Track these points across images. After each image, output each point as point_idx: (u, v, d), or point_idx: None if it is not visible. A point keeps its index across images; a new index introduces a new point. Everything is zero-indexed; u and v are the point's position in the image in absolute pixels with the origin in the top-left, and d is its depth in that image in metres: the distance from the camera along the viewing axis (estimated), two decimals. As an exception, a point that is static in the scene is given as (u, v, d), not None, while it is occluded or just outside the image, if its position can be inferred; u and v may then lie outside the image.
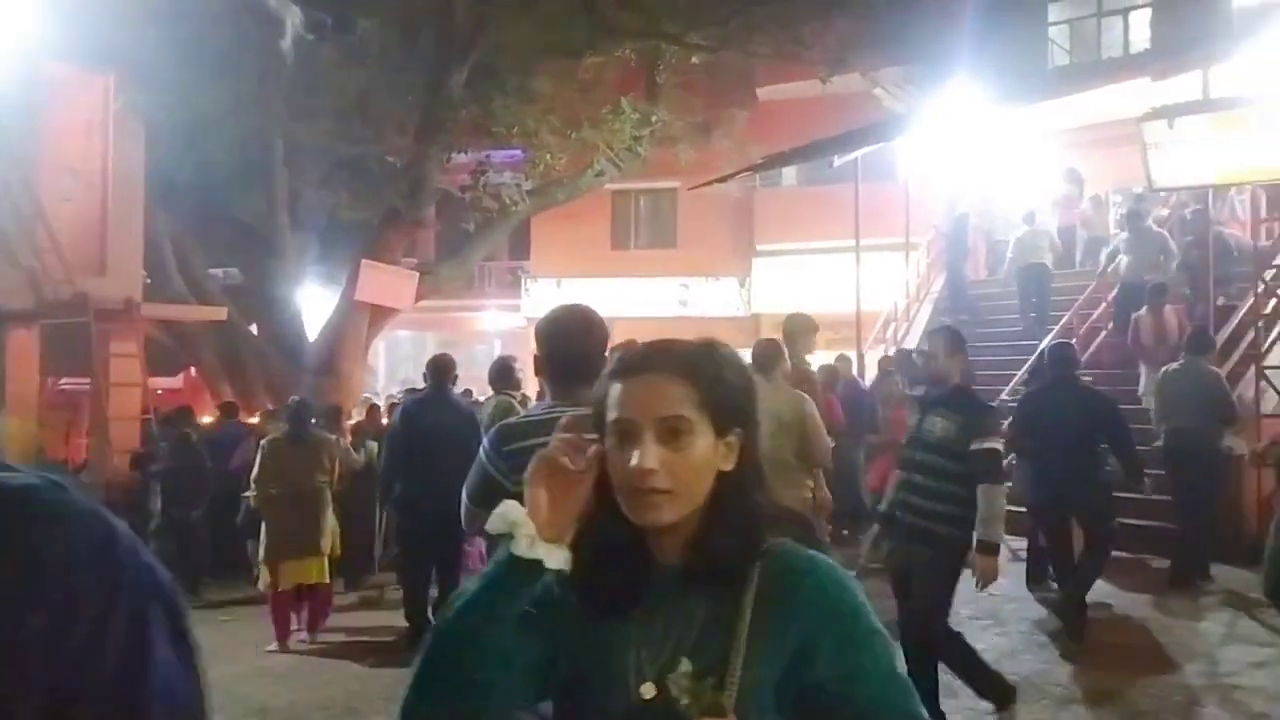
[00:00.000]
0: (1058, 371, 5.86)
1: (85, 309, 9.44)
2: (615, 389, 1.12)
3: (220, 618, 6.88)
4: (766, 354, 4.95)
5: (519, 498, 2.14)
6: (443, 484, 5.31)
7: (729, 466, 1.11)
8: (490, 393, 6.09)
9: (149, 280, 11.67)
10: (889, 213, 11.98)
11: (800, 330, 5.36)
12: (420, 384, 6.83)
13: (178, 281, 12.26)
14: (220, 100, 10.41)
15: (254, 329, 13.37)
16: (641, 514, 1.06)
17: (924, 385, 4.90)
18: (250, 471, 6.56)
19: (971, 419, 3.81)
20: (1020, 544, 7.01)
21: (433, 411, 5.69)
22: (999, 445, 3.82)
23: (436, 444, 5.43)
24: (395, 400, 10.07)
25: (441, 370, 5.94)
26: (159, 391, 13.68)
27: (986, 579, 3.83)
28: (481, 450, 2.22)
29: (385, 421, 8.61)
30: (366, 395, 12.21)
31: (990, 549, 3.76)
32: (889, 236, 12.42)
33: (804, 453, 4.80)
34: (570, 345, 2.25)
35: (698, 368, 1.11)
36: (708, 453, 1.08)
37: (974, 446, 3.75)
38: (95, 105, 10.00)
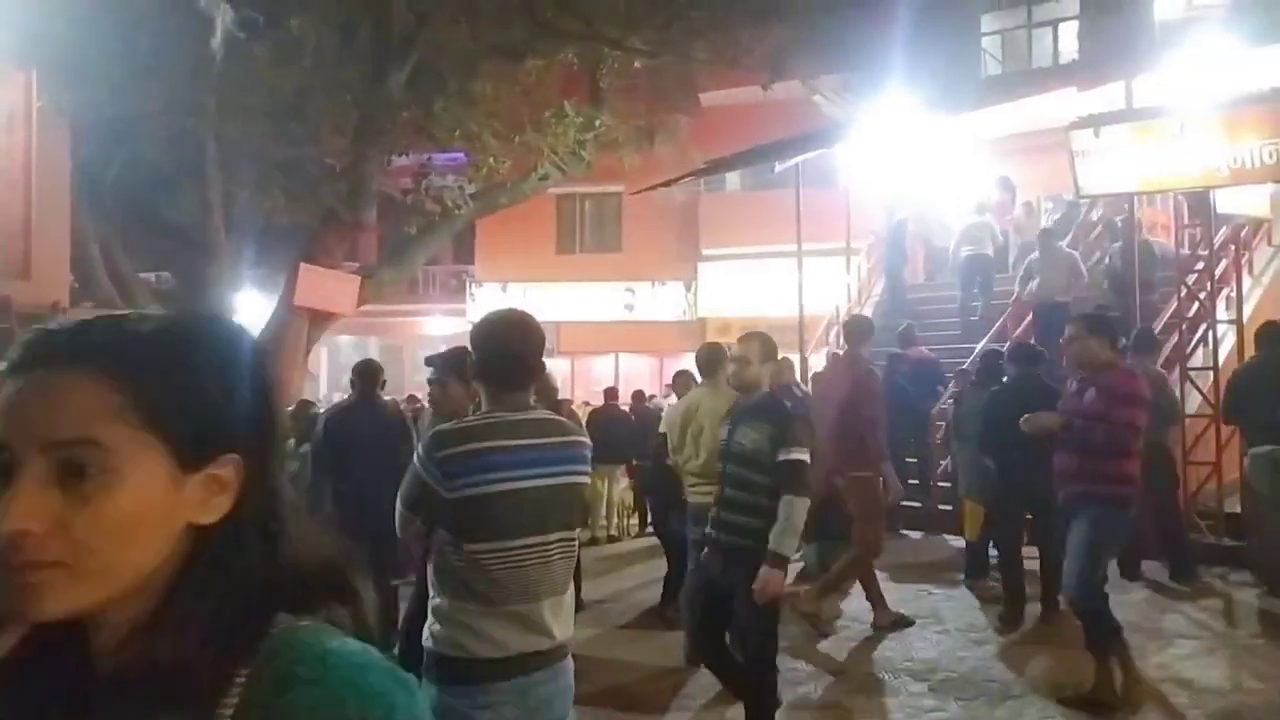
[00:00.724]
0: (1021, 368, 6.01)
1: (8, 314, 9.04)
2: (3, 394, 0.70)
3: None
4: (711, 358, 5.01)
5: (454, 505, 2.13)
6: (370, 492, 5.19)
7: (211, 517, 0.72)
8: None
9: (75, 284, 11.23)
10: (830, 218, 12.11)
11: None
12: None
13: (106, 286, 11.81)
14: (149, 98, 10.04)
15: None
16: (13, 602, 0.67)
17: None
18: None
19: (780, 429, 3.53)
20: (959, 541, 7.13)
21: (356, 420, 5.51)
22: (805, 456, 3.52)
23: (360, 453, 5.29)
24: (317, 409, 9.74)
25: (368, 376, 5.79)
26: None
27: (769, 592, 3.42)
28: (416, 455, 2.15)
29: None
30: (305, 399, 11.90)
31: (779, 561, 3.41)
32: (831, 241, 12.55)
33: None
34: (505, 349, 2.20)
35: (131, 357, 0.70)
36: (148, 500, 0.69)
37: (780, 458, 3.48)
38: (16, 101, 9.59)
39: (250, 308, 13.84)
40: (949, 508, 8.19)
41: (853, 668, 5.14)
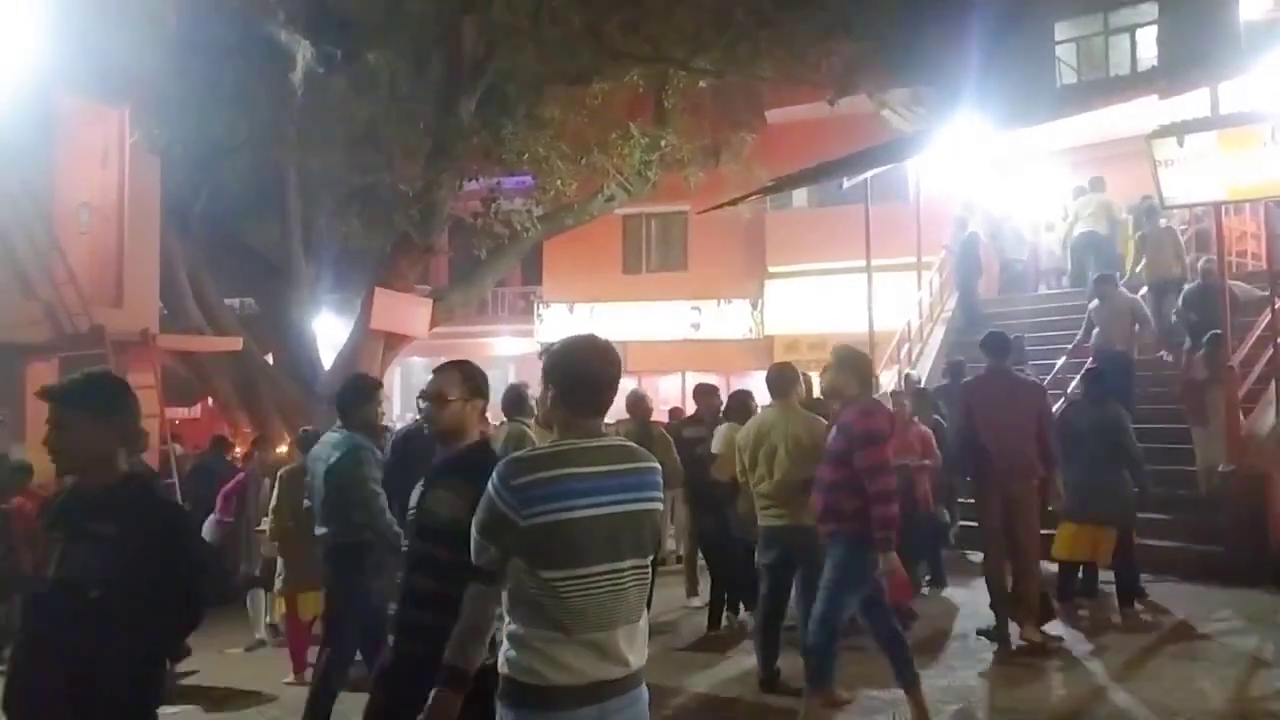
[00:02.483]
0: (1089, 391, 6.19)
1: (102, 341, 9.44)
2: None
3: (228, 650, 6.81)
4: (782, 377, 4.94)
5: (529, 532, 2.11)
6: None
7: None
8: (502, 420, 6.01)
9: (165, 311, 11.70)
10: (901, 233, 11.90)
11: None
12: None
13: (194, 312, 12.29)
14: (234, 132, 10.47)
15: (269, 358, 13.38)
16: None
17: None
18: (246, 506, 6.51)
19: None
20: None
21: (425, 442, 5.44)
22: None
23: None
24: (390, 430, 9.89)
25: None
26: (176, 422, 13.72)
27: None
28: (490, 483, 2.12)
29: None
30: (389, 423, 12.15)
31: (459, 678, 2.20)
32: (901, 257, 12.32)
33: None
34: (584, 376, 2.19)
35: None
36: None
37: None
38: (110, 137, 10.07)
39: (328, 331, 14.24)
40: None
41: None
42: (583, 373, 2.19)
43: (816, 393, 5.57)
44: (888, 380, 10.94)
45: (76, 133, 9.85)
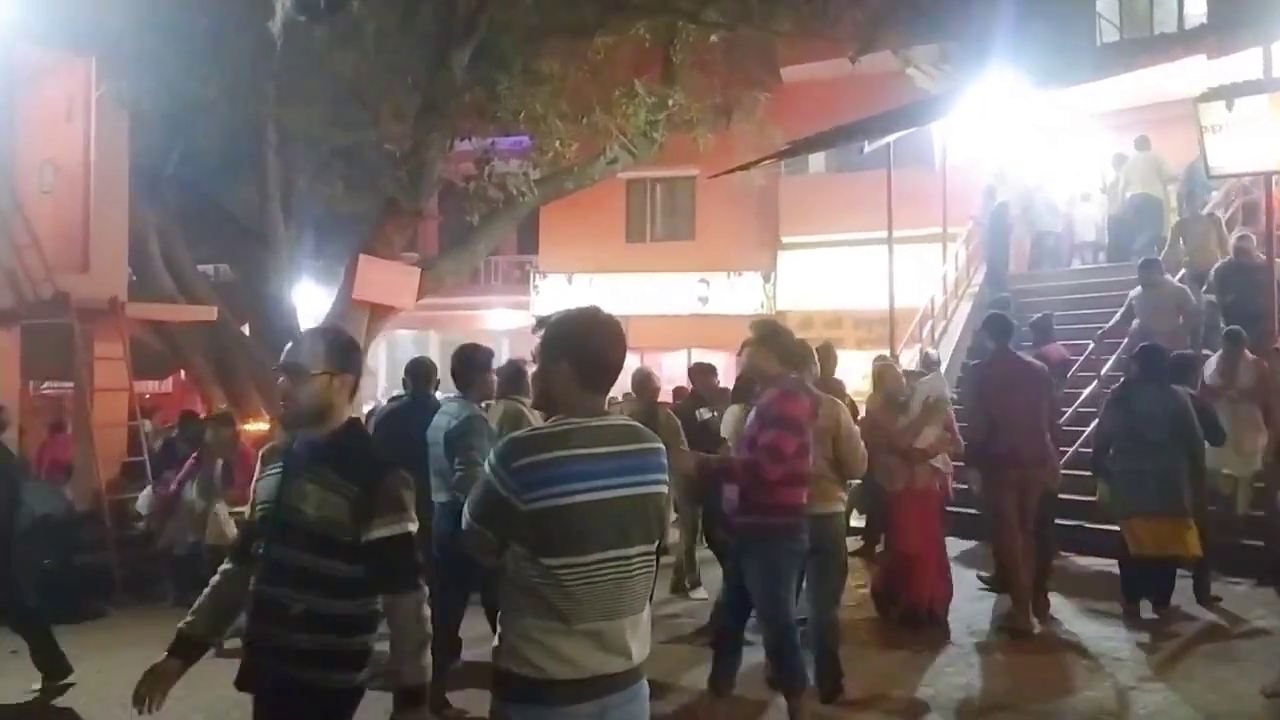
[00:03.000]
0: (1147, 372, 6.14)
1: (67, 309, 9.45)
2: None
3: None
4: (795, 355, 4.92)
5: (531, 517, 2.12)
6: (423, 500, 5.24)
7: None
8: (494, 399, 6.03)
9: (134, 278, 11.71)
10: (925, 201, 11.88)
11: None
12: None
13: (165, 279, 12.28)
14: (208, 85, 10.41)
15: (246, 329, 13.40)
16: None
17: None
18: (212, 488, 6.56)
19: (368, 487, 2.37)
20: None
21: (407, 422, 5.44)
22: (411, 528, 2.40)
23: (411, 458, 5.33)
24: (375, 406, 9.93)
25: (420, 375, 5.80)
26: (147, 396, 13.78)
27: None
28: (488, 464, 2.15)
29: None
30: (373, 404, 12.20)
31: (415, 697, 2.31)
32: (925, 227, 12.31)
33: (838, 462, 4.81)
34: (589, 351, 2.19)
35: None
36: None
37: (369, 535, 2.35)
38: (76, 92, 10.02)
39: (309, 301, 14.25)
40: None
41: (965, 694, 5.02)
42: (588, 347, 2.19)
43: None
44: (907, 359, 10.96)
45: (39, 85, 9.81)
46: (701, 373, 7.41)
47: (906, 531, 6.11)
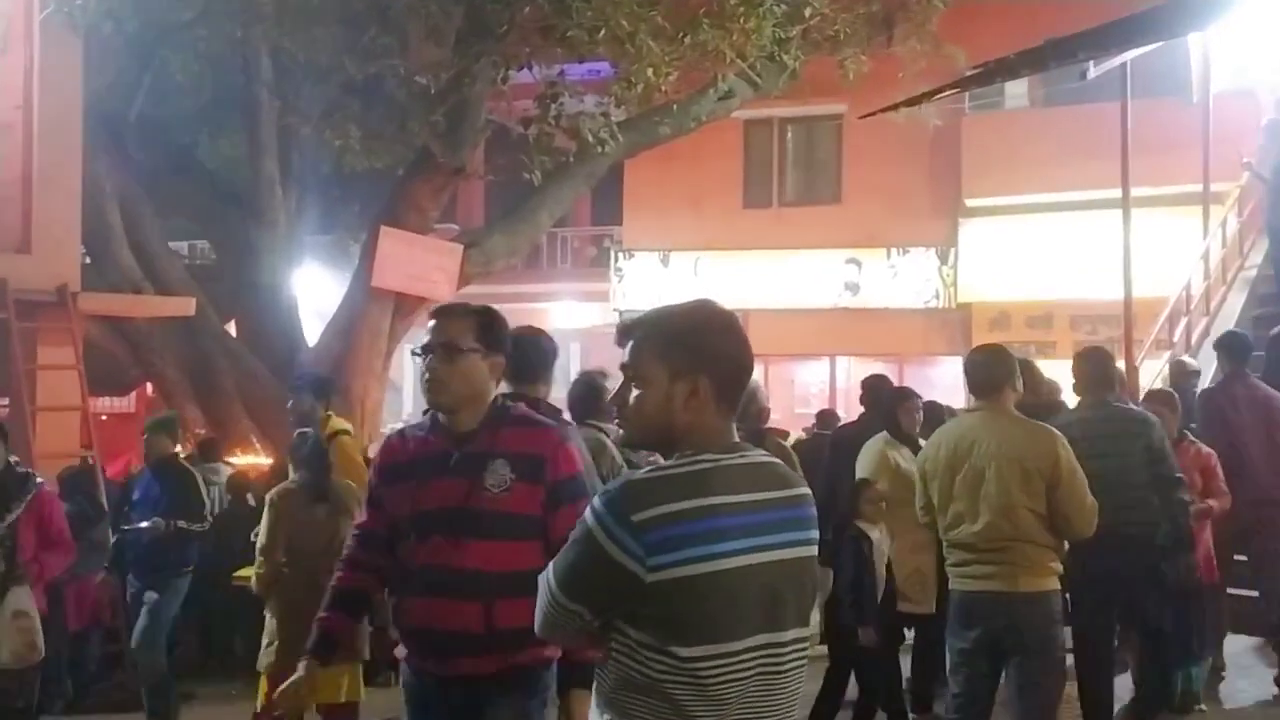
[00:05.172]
0: None
1: (2, 300, 9.80)
2: None
3: None
4: (991, 367, 4.91)
5: (658, 590, 2.08)
6: None
7: None
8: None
9: (87, 260, 12.11)
10: (1177, 147, 11.61)
11: None
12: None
13: (127, 261, 12.64)
14: (185, 3, 10.75)
15: (232, 327, 13.77)
16: None
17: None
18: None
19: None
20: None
21: None
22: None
23: None
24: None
25: None
26: (103, 417, 14.26)
27: None
28: (591, 517, 2.16)
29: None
30: (392, 427, 12.40)
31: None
32: (1177, 183, 12.02)
33: (1054, 516, 4.75)
34: (744, 366, 2.27)
35: None
36: None
37: None
38: (14, 10, 10.37)
39: (313, 288, 14.56)
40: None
41: None
42: (728, 356, 2.23)
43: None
44: (1152, 372, 10.62)
45: (-35, 5, 10.17)
46: (900, 397, 7.27)
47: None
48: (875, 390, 7.77)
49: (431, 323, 3.36)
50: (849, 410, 11.72)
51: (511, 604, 3.03)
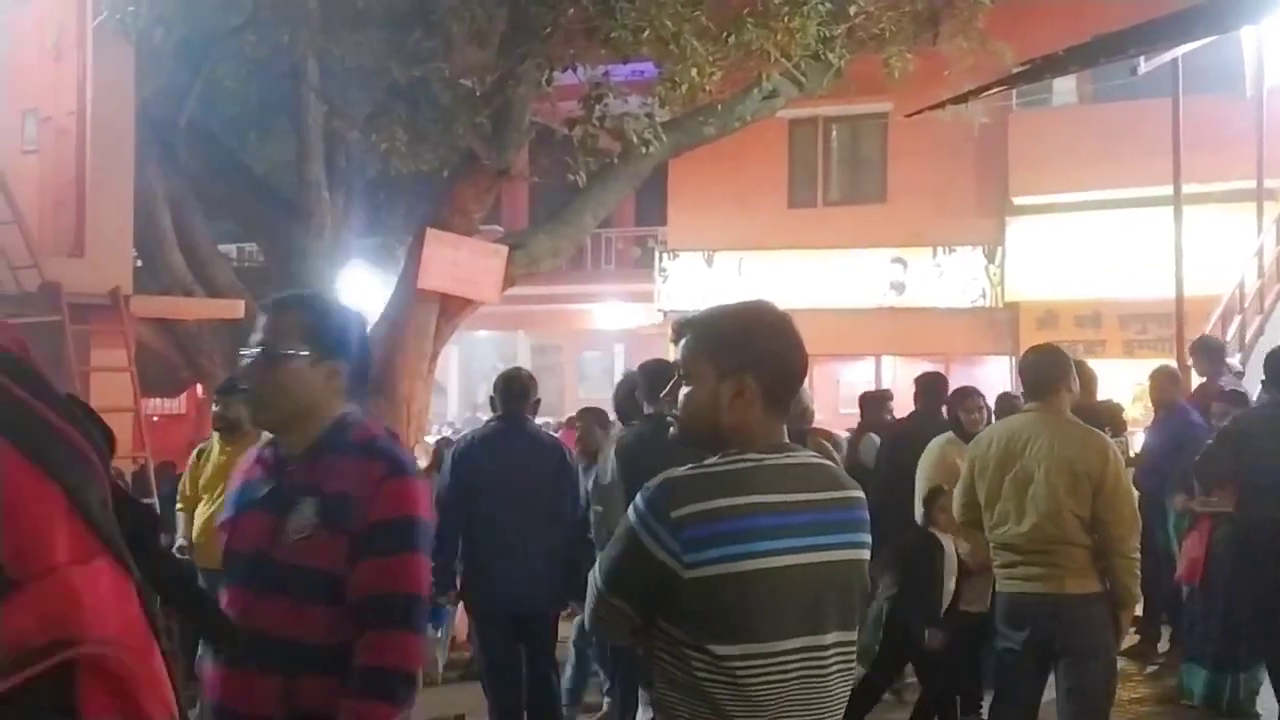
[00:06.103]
0: None
1: (57, 303, 9.95)
2: None
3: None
4: (1044, 367, 4.90)
5: (697, 587, 2.08)
6: (517, 556, 5.15)
7: None
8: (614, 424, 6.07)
9: (139, 263, 12.28)
10: (1231, 142, 11.50)
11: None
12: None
13: (178, 265, 12.83)
14: (234, 9, 10.86)
15: (280, 330, 13.91)
16: None
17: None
18: None
19: None
20: None
21: (502, 454, 5.67)
22: None
23: (502, 502, 5.45)
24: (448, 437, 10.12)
25: (513, 394, 5.93)
26: (154, 419, 14.46)
27: None
28: (633, 514, 2.17)
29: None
30: (441, 430, 12.50)
31: None
32: (1231, 180, 11.89)
33: (1097, 522, 4.70)
34: (796, 365, 2.27)
35: None
36: None
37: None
38: (68, 19, 10.53)
39: (359, 290, 14.69)
40: None
41: None
42: (778, 355, 2.23)
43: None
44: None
45: (18, 14, 10.34)
46: (929, 386, 7.33)
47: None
48: (930, 387, 7.73)
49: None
50: (898, 410, 11.68)
51: (319, 681, 2.42)
